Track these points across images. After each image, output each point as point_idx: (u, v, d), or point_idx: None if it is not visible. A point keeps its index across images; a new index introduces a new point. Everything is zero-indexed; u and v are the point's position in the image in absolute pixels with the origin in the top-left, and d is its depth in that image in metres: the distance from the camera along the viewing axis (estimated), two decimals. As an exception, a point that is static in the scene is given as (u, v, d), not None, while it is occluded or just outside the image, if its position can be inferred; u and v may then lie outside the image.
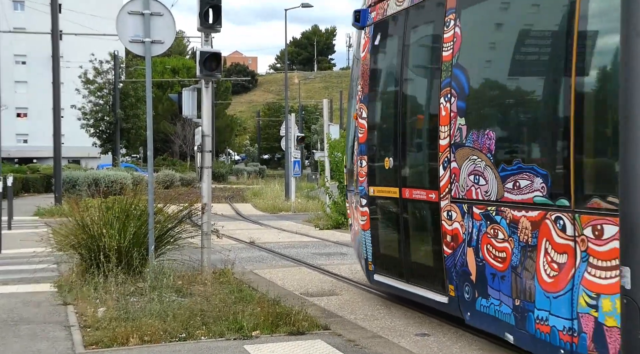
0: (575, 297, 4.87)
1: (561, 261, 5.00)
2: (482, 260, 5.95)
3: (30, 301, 8.05)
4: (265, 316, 6.79)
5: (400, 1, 7.48)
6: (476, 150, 6.01)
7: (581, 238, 4.80)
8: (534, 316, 5.30)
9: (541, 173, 5.23)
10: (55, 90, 23.92)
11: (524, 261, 5.40)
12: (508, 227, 5.60)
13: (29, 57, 71.56)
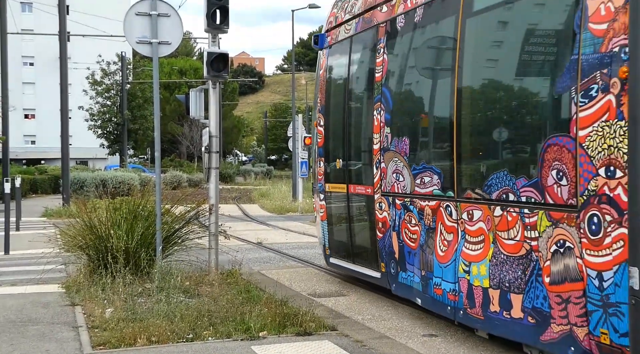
0: (457, 266, 6.39)
1: (449, 239, 6.52)
2: (402, 241, 7.44)
3: (39, 301, 8.08)
4: (272, 317, 6.80)
5: (347, 29, 9.03)
6: (397, 153, 7.53)
7: (461, 221, 6.33)
8: (432, 282, 6.83)
9: (437, 172, 6.80)
10: (63, 92, 24.01)
11: (427, 241, 6.91)
12: (417, 214, 7.12)
13: (37, 59, 71.86)
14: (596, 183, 4.69)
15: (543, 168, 5.25)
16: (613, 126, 4.56)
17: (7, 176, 22.90)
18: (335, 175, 9.42)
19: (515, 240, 5.58)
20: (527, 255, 5.44)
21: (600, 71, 4.65)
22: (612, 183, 4.54)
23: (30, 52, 71.02)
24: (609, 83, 4.56)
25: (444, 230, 6.58)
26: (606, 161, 4.61)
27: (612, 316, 4.53)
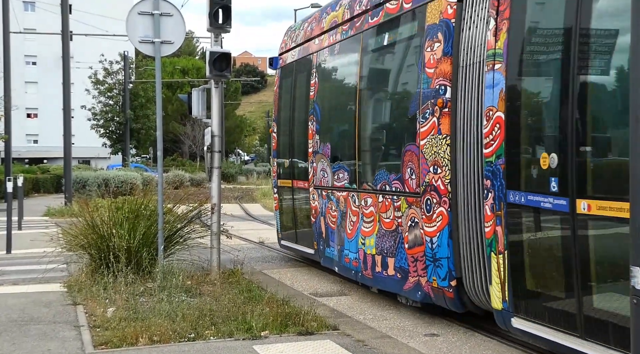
0: (357, 240, 8.41)
1: (354, 220, 8.54)
2: (327, 224, 9.48)
3: (41, 301, 8.09)
4: (274, 316, 6.80)
5: (293, 55, 11.09)
6: (323, 156, 9.58)
7: (360, 206, 8.33)
8: (344, 254, 8.85)
9: (347, 170, 8.84)
10: (66, 91, 24.03)
11: (342, 222, 8.92)
12: (336, 202, 9.14)
13: (39, 58, 71.92)
14: (429, 177, 6.79)
15: (403, 167, 7.29)
16: (436, 138, 6.69)
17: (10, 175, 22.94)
18: (284, 173, 11.56)
19: (390, 218, 7.61)
20: (396, 229, 7.47)
21: (430, 101, 6.78)
22: (436, 177, 6.70)
23: (32, 51, 71.05)
24: (434, 109, 6.72)
25: (351, 213, 8.64)
26: (433, 162, 6.74)
27: (437, 268, 6.73)
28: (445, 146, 6.58)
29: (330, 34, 9.54)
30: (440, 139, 6.61)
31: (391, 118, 8.11)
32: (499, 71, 5.71)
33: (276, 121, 12.09)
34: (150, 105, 45.27)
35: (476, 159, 6.27)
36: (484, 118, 5.91)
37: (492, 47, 5.85)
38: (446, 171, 6.59)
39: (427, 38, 6.91)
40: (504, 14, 5.72)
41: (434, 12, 6.87)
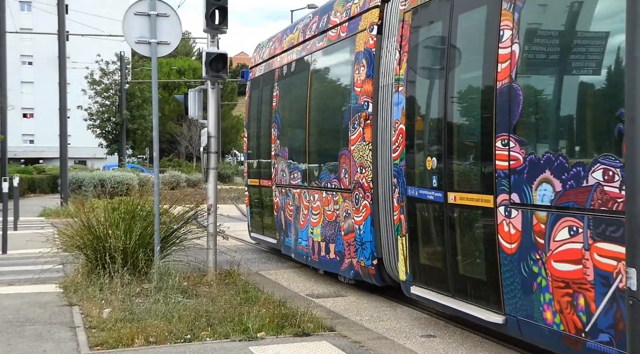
0: (307, 230, 9.93)
1: (305, 213, 10.04)
2: (285, 217, 10.95)
3: (36, 301, 8.07)
4: (270, 318, 6.79)
5: (260, 69, 12.60)
6: (283, 158, 11.07)
7: (309, 201, 9.87)
8: (298, 242, 10.33)
9: (300, 170, 10.33)
10: (62, 91, 23.99)
11: (297, 215, 10.41)
12: (292, 198, 10.61)
13: (36, 58, 71.78)
14: (357, 176, 8.39)
15: (339, 168, 8.91)
16: (362, 144, 8.33)
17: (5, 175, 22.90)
18: (253, 173, 13.11)
19: (331, 211, 9.22)
20: (335, 220, 9.06)
21: (357, 114, 8.42)
22: (362, 176, 8.34)
23: (29, 51, 70.93)
24: (360, 121, 8.38)
25: (303, 207, 10.17)
26: (360, 164, 8.33)
27: (364, 250, 8.33)
28: (368, 151, 8.25)
29: (289, 53, 11.11)
30: (365, 145, 8.31)
31: (331, 127, 9.58)
32: (402, 92, 7.32)
33: (247, 127, 13.80)
34: (146, 106, 45.25)
35: (390, 162, 7.73)
36: (392, 129, 7.52)
37: (397, 73, 7.47)
38: (369, 171, 8.27)
39: (356, 62, 8.61)
40: (404, 48, 7.34)
41: (361, 42, 8.53)
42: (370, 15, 8.42)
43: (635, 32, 3.42)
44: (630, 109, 3.45)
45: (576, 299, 4.88)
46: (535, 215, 5.18)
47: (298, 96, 10.60)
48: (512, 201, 5.42)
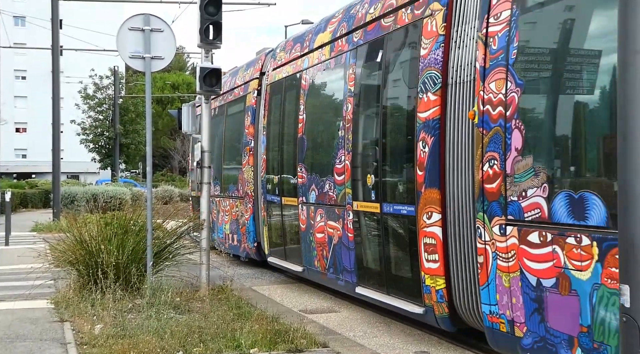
0: (223, 226, 13.76)
1: (221, 214, 14.09)
2: (215, 219, 14.27)
3: (27, 317, 8.00)
4: (263, 334, 6.75)
5: (221, 101, 14.56)
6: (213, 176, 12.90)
7: (223, 206, 13.86)
8: (219, 235, 13.86)
9: (218, 184, 14.16)
10: (55, 105, 23.96)
11: (217, 216, 14.20)
12: (215, 205, 14.23)
13: (29, 72, 71.79)
14: (246, 188, 12.26)
15: (238, 182, 12.85)
16: (248, 167, 12.18)
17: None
18: None
19: (234, 212, 13.04)
20: (236, 218, 12.91)
21: (245, 147, 12.30)
22: (248, 188, 12.16)
23: (22, 65, 70.93)
24: (246, 152, 12.29)
25: (220, 211, 14.20)
26: (247, 180, 12.19)
27: (249, 237, 12.16)
28: (251, 171, 12.18)
29: (214, 100, 13.27)
30: (249, 168, 12.28)
31: (235, 155, 13.39)
32: (264, 135, 11.61)
33: None
34: (140, 120, 45.18)
35: (261, 179, 11.77)
36: (261, 158, 11.71)
37: (263, 123, 11.67)
38: (252, 184, 12.19)
39: (246, 113, 12.64)
40: (267, 107, 11.62)
41: (249, 99, 12.59)
42: (253, 83, 12.54)
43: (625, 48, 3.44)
44: (622, 126, 3.46)
45: None
46: (309, 207, 9.52)
47: (218, 133, 14.26)
48: (303, 201, 9.72)
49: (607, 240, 4.43)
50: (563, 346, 4.83)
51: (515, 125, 5.30)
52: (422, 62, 6.72)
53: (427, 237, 6.56)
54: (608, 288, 4.44)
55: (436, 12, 6.62)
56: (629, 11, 3.43)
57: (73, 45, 42.83)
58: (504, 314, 5.46)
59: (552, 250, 4.91)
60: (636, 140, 3.37)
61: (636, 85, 3.39)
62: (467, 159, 6.12)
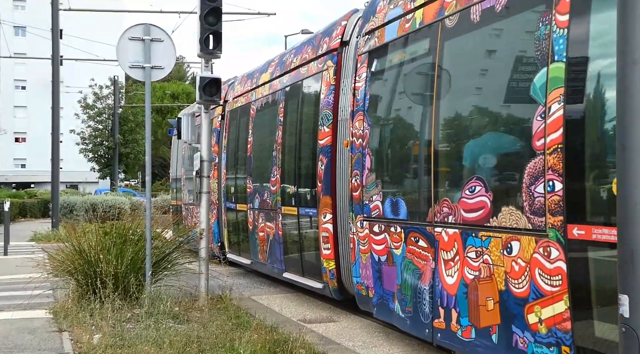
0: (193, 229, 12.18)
1: (194, 219, 14.21)
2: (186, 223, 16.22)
3: (25, 327, 7.98)
4: (262, 343, 6.73)
5: None
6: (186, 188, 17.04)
7: (191, 211, 16.43)
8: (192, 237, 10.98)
9: (192, 193, 13.05)
10: (55, 115, 23.98)
11: (187, 219, 16.75)
12: (186, 211, 17.36)
13: (29, 82, 71.92)
14: (212, 197, 12.67)
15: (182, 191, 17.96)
16: (214, 180, 13.71)
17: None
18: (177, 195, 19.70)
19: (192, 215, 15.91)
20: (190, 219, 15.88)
21: (212, 162, 11.92)
22: (214, 196, 13.84)
23: (22, 75, 71.06)
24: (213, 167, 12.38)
25: (189, 215, 16.63)
26: (214, 189, 13.56)
27: (215, 237, 14.44)
28: (216, 183, 14.10)
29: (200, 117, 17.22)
30: (214, 180, 13.80)
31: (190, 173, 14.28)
32: (224, 153, 14.07)
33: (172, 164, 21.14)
34: (139, 130, 45.22)
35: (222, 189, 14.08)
36: (222, 172, 14.10)
37: (224, 144, 14.22)
38: (216, 194, 14.20)
39: (213, 133, 13.77)
40: (226, 130, 14.02)
41: (215, 121, 14.21)
42: (219, 109, 14.36)
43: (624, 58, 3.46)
44: (621, 137, 3.47)
45: None
46: (254, 212, 11.76)
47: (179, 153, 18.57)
48: (251, 206, 11.99)
49: (408, 228, 6.80)
50: (390, 299, 7.23)
51: (367, 152, 7.71)
52: (321, 103, 9.11)
53: (323, 231, 8.93)
54: (407, 259, 6.79)
55: (330, 68, 9.05)
56: (627, 22, 3.44)
57: (73, 55, 42.93)
58: (363, 283, 7.92)
59: (384, 236, 7.32)
60: (635, 150, 3.37)
61: (635, 95, 3.40)
62: (346, 175, 8.44)
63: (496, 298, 5.40)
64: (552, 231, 4.76)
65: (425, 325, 6.43)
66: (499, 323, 5.36)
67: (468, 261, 5.73)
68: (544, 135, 4.84)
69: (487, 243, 5.51)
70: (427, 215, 6.35)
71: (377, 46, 7.66)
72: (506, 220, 5.25)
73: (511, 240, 5.22)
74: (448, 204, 6.05)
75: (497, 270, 5.38)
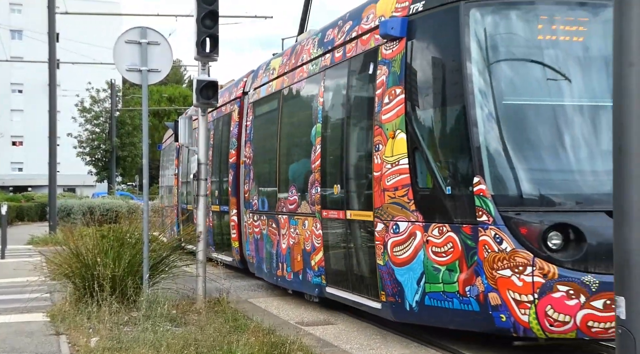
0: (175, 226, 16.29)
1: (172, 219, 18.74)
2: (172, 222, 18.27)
3: (23, 331, 7.97)
4: (259, 346, 6.73)
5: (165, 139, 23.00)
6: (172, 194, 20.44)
7: (170, 212, 20.19)
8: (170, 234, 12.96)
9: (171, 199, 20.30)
10: (52, 119, 23.94)
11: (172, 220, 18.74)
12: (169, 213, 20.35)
13: (26, 86, 71.83)
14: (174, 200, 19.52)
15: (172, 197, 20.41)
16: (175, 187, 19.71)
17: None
18: None
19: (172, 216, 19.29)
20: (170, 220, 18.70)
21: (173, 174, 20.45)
22: (175, 199, 19.43)
23: (19, 79, 70.98)
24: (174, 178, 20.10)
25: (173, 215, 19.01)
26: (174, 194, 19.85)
27: None
28: (176, 189, 18.34)
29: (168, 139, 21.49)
30: (176, 189, 18.64)
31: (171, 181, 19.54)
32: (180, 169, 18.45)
33: None
34: (136, 133, 45.20)
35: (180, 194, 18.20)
36: (179, 181, 18.09)
37: (177, 163, 18.87)
38: (176, 198, 18.35)
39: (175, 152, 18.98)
40: (181, 153, 17.75)
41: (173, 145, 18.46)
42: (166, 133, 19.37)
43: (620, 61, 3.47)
44: (617, 139, 3.48)
45: None
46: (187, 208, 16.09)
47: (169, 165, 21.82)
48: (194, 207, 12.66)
49: (268, 216, 10.84)
50: (262, 262, 11.22)
51: (251, 168, 11.76)
52: (231, 133, 13.18)
53: (232, 222, 12.92)
54: (268, 236, 10.76)
55: (235, 110, 13.07)
56: (623, 25, 3.46)
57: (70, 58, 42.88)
58: (251, 254, 11.86)
59: (259, 222, 11.32)
60: (630, 151, 3.39)
61: (631, 97, 3.41)
62: (242, 182, 12.27)
63: (301, 254, 9.47)
64: (317, 214, 8.87)
65: (274, 275, 10.63)
66: (302, 268, 9.47)
67: (290, 233, 9.85)
68: (315, 161, 8.98)
69: (297, 222, 9.61)
70: (275, 208, 10.49)
71: (256, 100, 11.77)
72: (303, 209, 9.38)
73: (305, 219, 9.31)
74: (282, 201, 10.18)
75: (301, 237, 9.46)
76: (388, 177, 7.05)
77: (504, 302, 6.04)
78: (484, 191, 6.18)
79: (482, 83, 6.51)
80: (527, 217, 6.13)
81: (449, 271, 6.45)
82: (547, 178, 6.40)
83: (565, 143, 6.46)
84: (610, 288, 4.69)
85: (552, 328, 5.97)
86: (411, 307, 6.93)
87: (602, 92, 6.57)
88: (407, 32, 6.99)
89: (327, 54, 8.87)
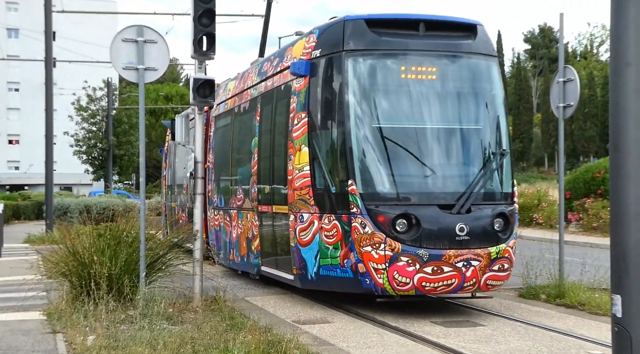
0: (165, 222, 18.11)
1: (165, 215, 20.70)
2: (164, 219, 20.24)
3: (19, 329, 7.96)
4: (256, 344, 6.74)
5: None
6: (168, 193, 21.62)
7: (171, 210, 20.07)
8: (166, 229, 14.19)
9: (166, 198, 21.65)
10: (48, 117, 23.88)
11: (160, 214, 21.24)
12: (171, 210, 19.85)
13: (22, 84, 71.67)
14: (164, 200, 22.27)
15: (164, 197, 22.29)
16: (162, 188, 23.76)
17: (-10, 201, 22.64)
18: None
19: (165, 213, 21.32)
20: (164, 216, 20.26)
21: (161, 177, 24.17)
22: (164, 201, 21.85)
23: (15, 77, 70.84)
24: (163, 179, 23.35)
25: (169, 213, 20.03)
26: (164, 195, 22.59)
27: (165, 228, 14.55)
28: (164, 190, 21.69)
29: None
30: (163, 189, 21.77)
31: None
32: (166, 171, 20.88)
33: None
34: (133, 132, 45.10)
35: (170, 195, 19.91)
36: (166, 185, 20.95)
37: (165, 167, 21.12)
38: (166, 198, 20.48)
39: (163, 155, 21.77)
40: (167, 152, 20.48)
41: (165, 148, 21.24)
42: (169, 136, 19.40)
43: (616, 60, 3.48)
44: (614, 137, 3.49)
45: None
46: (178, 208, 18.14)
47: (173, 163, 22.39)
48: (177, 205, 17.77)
49: (223, 211, 13.15)
50: (221, 250, 13.12)
51: (212, 171, 13.81)
52: None
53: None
54: (224, 227, 13.06)
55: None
56: (620, 25, 3.47)
57: (66, 57, 42.85)
58: (213, 243, 13.69)
59: (218, 216, 13.46)
60: (627, 150, 3.40)
61: (627, 96, 3.42)
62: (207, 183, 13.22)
63: (245, 241, 11.48)
64: (255, 208, 10.93)
65: (228, 259, 12.69)
66: (246, 252, 11.49)
67: (238, 225, 11.93)
68: (254, 167, 11.11)
69: (242, 216, 11.74)
70: (229, 204, 12.61)
71: (217, 114, 13.92)
72: (246, 205, 11.45)
73: (247, 213, 11.39)
74: (234, 198, 12.25)
75: (246, 228, 11.48)
76: (297, 179, 9.35)
77: (367, 270, 8.38)
78: (355, 190, 8.47)
79: (358, 111, 8.76)
80: (382, 209, 8.45)
81: (334, 249, 8.81)
82: (398, 181, 8.69)
83: (411, 156, 8.76)
84: (436, 258, 8.33)
85: (399, 287, 8.36)
86: (311, 277, 9.24)
87: (444, 118, 9.12)
88: (310, 72, 9.21)
89: (262, 82, 11.20)
